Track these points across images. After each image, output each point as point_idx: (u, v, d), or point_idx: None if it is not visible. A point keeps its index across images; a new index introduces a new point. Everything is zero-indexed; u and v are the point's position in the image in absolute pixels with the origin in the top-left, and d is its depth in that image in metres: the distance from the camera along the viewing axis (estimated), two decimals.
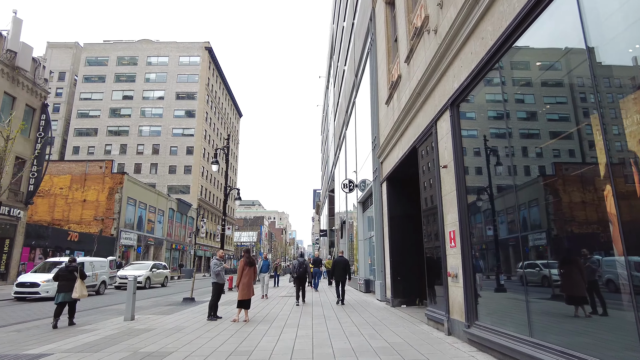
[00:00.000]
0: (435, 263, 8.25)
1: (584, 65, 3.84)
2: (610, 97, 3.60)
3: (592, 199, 3.83)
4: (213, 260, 9.85)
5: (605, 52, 3.64)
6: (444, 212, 7.37)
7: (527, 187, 4.96)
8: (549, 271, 4.50)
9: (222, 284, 9.85)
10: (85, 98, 67.08)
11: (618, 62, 3.58)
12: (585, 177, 3.98)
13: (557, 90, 4.54)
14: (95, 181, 38.54)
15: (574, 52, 4.06)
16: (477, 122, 6.53)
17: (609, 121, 3.58)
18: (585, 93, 3.96)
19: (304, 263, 13.75)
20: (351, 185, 20.19)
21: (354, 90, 21.58)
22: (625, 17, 3.36)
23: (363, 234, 19.40)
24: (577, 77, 4.05)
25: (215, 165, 19.87)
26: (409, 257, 12.00)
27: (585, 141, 3.98)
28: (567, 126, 4.26)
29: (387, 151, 12.40)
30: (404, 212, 12.30)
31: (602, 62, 3.68)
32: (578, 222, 4.08)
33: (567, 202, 4.25)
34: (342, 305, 12.63)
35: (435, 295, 8.13)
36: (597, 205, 3.74)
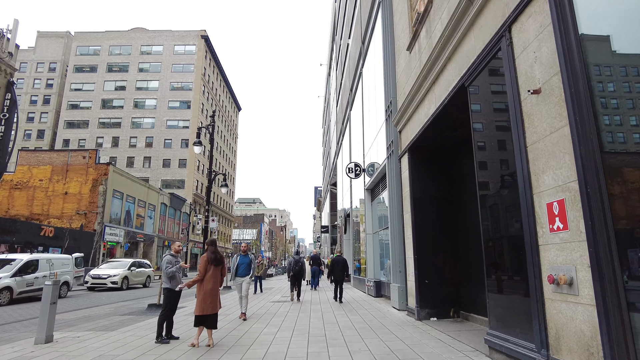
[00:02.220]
0: (505, 259, 5.18)
1: None
2: None
3: None
4: (165, 257, 6.79)
5: None
6: (532, 171, 4.29)
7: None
8: None
9: (179, 290, 6.80)
10: (76, 89, 64.14)
11: None
12: None
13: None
14: (78, 172, 35.54)
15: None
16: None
17: None
18: None
19: (300, 261, 13.63)
20: (357, 169, 17.10)
21: (360, 60, 18.49)
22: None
23: (372, 226, 16.32)
24: None
25: (198, 147, 16.89)
26: (440, 253, 8.92)
27: None
28: None
29: (409, 113, 9.32)
30: (433, 193, 9.22)
31: None
32: None
33: None
34: (340, 303, 12.53)
35: (507, 312, 5.04)
36: None
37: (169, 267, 6.63)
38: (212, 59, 70.71)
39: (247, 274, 9.20)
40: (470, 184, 8.44)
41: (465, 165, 8.65)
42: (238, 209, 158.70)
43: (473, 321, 7.98)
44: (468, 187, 8.53)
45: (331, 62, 43.19)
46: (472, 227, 8.27)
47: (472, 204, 8.29)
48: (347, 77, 24.33)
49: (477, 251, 7.94)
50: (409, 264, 9.47)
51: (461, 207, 8.80)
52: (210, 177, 17.26)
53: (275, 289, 19.94)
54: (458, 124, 8.04)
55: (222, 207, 74.56)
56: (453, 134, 8.53)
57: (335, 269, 13.11)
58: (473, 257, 8.13)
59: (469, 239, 8.36)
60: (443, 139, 8.85)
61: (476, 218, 8.10)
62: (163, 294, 6.69)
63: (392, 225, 11.17)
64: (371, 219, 16.39)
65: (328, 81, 48.97)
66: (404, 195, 10.02)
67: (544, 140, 4.08)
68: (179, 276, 6.77)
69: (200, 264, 6.33)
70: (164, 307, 6.59)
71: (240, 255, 9.42)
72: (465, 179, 8.65)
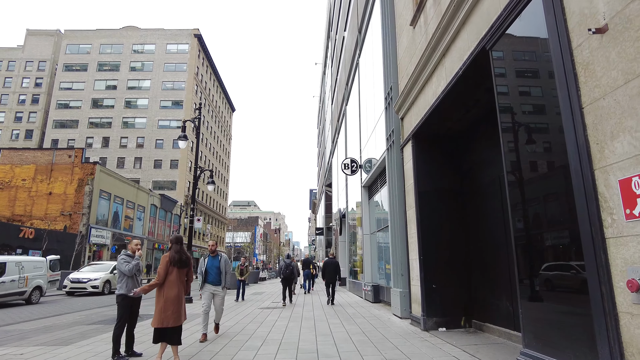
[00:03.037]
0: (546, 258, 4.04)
1: None
2: None
3: None
4: (120, 257, 5.62)
5: None
6: (592, 139, 3.19)
7: None
8: None
9: (138, 297, 5.64)
10: (66, 88, 62.64)
11: None
12: None
13: None
14: (63, 172, 34.17)
15: None
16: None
17: None
18: None
19: (291, 264, 13.49)
20: (354, 165, 15.98)
21: (356, 50, 17.42)
22: None
23: (369, 226, 15.20)
24: None
25: (184, 142, 15.76)
26: (449, 254, 7.82)
27: None
28: None
29: (413, 96, 8.23)
30: (441, 185, 8.12)
31: None
32: None
33: None
34: (332, 305, 12.73)
35: (551, 327, 3.90)
36: None
37: (125, 264, 5.45)
38: (205, 58, 69.51)
39: (219, 282, 7.15)
40: (483, 174, 7.36)
41: (478, 152, 7.56)
42: (232, 211, 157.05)
43: (489, 332, 6.88)
44: (481, 178, 7.45)
45: (326, 60, 42.19)
46: (486, 224, 7.18)
47: (486, 198, 7.21)
48: (343, 71, 23.28)
49: (492, 251, 6.85)
50: (413, 266, 8.35)
51: (473, 201, 7.70)
52: (196, 173, 16.09)
53: (266, 293, 18.75)
54: (471, 104, 6.96)
55: (215, 209, 73.16)
56: (464, 117, 7.44)
57: (328, 272, 13.48)
58: (488, 257, 7.04)
59: (483, 237, 7.26)
60: (452, 123, 7.75)
61: (491, 213, 7.01)
62: (117, 302, 5.52)
63: (392, 223, 10.06)
64: (369, 219, 15.27)
65: (323, 80, 47.96)
66: (407, 189, 8.92)
67: (614, 95, 2.98)
68: (137, 279, 5.60)
69: (160, 265, 5.17)
70: (119, 317, 5.42)
71: (209, 256, 7.37)
72: (478, 168, 7.57)
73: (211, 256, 7.37)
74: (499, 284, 6.61)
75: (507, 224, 6.39)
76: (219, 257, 7.34)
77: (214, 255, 7.39)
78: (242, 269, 14.92)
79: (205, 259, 7.32)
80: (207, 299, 7.08)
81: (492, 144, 6.97)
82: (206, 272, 7.17)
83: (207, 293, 7.11)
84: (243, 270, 14.94)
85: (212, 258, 7.36)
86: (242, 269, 14.92)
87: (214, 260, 7.33)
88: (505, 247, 6.41)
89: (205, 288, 7.12)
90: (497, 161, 6.75)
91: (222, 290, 7.22)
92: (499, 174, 6.60)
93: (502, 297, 6.50)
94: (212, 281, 7.15)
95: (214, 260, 7.33)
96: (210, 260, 7.33)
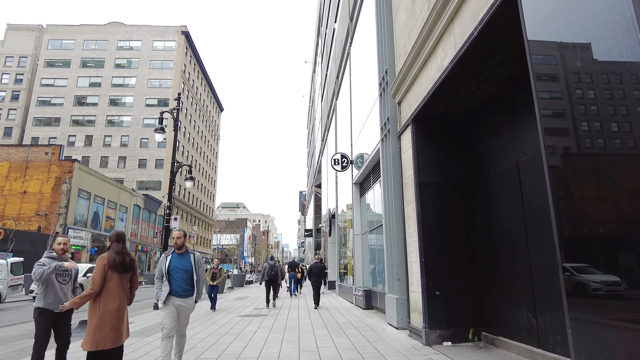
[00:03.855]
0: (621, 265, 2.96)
1: None
2: None
3: None
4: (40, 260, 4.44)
5: None
6: None
7: None
8: None
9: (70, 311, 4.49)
10: (47, 84, 60.63)
11: None
12: None
13: None
14: (39, 170, 32.54)
15: None
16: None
17: None
18: None
19: (275, 266, 13.30)
20: (344, 161, 14.92)
21: (348, 40, 16.38)
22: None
23: (361, 226, 14.13)
24: None
25: (160, 134, 14.54)
26: (455, 256, 6.77)
27: None
28: None
29: (414, 74, 7.18)
30: (445, 177, 7.07)
31: None
32: None
33: None
34: (317, 308, 12.67)
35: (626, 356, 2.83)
36: None
37: (40, 273, 4.28)
38: (192, 56, 68.03)
39: (191, 292, 4.98)
40: (496, 163, 6.32)
41: (489, 138, 6.54)
42: (221, 213, 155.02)
43: (504, 348, 5.83)
44: (493, 168, 6.42)
45: (316, 57, 41.19)
46: (500, 221, 6.15)
47: (500, 190, 6.18)
48: (333, 66, 22.24)
49: (508, 252, 5.80)
50: (413, 270, 7.27)
51: (483, 194, 6.67)
52: (174, 168, 14.86)
53: (250, 298, 17.56)
54: (482, 79, 5.93)
55: (202, 210, 71.55)
56: (473, 95, 6.40)
57: (313, 275, 13.61)
58: (502, 260, 6.00)
59: (496, 236, 6.22)
60: (459, 104, 6.72)
61: (506, 208, 5.97)
62: (34, 317, 4.36)
63: (387, 221, 8.99)
64: (360, 218, 14.20)
65: (313, 78, 46.96)
66: (405, 182, 7.86)
67: None
68: (62, 289, 4.45)
69: (96, 270, 4.01)
70: (35, 338, 4.27)
71: (173, 253, 5.07)
72: (489, 156, 6.53)
73: (177, 253, 5.04)
74: (515, 291, 5.58)
75: (527, 220, 5.37)
76: (189, 256, 5.10)
77: (182, 252, 5.07)
78: (215, 272, 12.63)
79: (168, 257, 5.02)
80: (169, 317, 4.82)
81: (507, 127, 5.95)
82: (169, 275, 4.89)
83: (169, 308, 4.84)
84: (216, 274, 12.65)
85: (179, 256, 5.02)
86: (214, 272, 12.62)
87: (182, 259, 5.01)
88: (525, 248, 5.37)
89: (168, 301, 4.85)
90: (515, 147, 5.73)
91: (192, 305, 5.02)
92: (520, 158, 5.57)
93: (520, 307, 5.46)
94: (177, 291, 4.87)
95: (182, 259, 5.01)
96: (175, 258, 5.00)
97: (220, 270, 12.93)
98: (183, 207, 61.31)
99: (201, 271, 5.19)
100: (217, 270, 12.75)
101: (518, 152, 5.64)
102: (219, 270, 12.80)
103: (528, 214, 5.35)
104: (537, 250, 5.14)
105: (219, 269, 12.89)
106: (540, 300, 5.01)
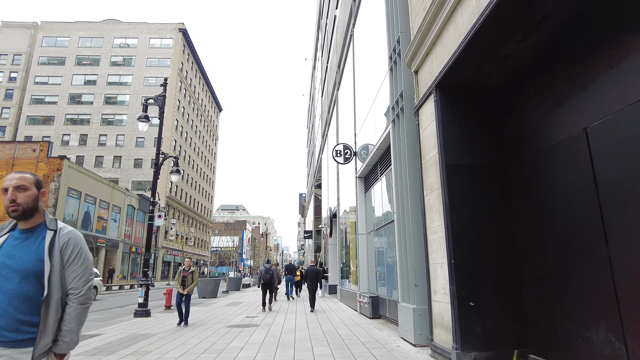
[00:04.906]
0: None
1: None
2: None
3: None
4: None
5: None
6: None
7: None
8: None
9: None
10: (41, 82, 59.33)
11: None
12: None
13: None
14: (26, 167, 31.02)
15: None
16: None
17: None
18: None
19: (271, 269, 12.86)
20: (347, 152, 13.50)
21: (350, 22, 14.98)
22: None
23: (366, 224, 12.68)
24: None
25: (143, 123, 13.13)
26: (495, 256, 5.32)
27: None
28: None
29: (437, 31, 5.75)
30: (481, 157, 5.64)
31: None
32: None
33: None
34: (314, 311, 12.48)
35: None
36: None
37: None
38: (190, 54, 66.71)
39: (29, 332, 1.89)
40: (548, 136, 4.87)
41: (539, 105, 5.08)
42: (221, 215, 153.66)
43: None
44: (542, 142, 4.97)
45: (316, 53, 39.84)
46: (555, 209, 4.69)
47: (553, 170, 4.72)
48: (335, 55, 20.84)
49: (571, 253, 4.33)
50: (437, 274, 5.81)
51: (529, 177, 5.22)
52: (158, 160, 13.43)
53: (245, 303, 16.08)
54: (533, 26, 4.49)
55: (199, 211, 70.08)
56: (518, 49, 4.95)
57: (309, 278, 13.70)
58: (562, 263, 4.54)
59: (551, 232, 4.76)
60: (496, 63, 5.27)
61: (566, 195, 4.53)
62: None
63: (400, 216, 7.54)
64: (365, 215, 12.75)
65: (313, 75, 45.62)
66: (426, 166, 6.40)
67: None
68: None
69: None
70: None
71: (10, 233, 1.99)
72: (537, 129, 5.09)
73: (19, 229, 2.01)
74: (587, 303, 4.12)
75: (604, 204, 3.91)
76: (41, 237, 2.00)
77: (29, 226, 2.01)
78: (185, 276, 9.52)
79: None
80: None
81: (568, 86, 4.50)
82: None
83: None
84: (187, 278, 9.52)
85: (19, 238, 1.98)
86: (184, 276, 9.51)
87: (22, 245, 1.97)
88: (601, 243, 3.92)
89: None
90: (581, 109, 4.28)
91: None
92: (590, 123, 4.12)
93: (594, 326, 4.00)
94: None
95: (22, 245, 1.97)
96: (9, 245, 1.97)
97: (193, 273, 9.64)
98: (180, 208, 59.86)
99: (75, 279, 2.05)
100: (189, 274, 9.55)
101: (587, 115, 4.19)
102: (190, 274, 9.57)
103: (606, 195, 3.90)
104: (622, 247, 3.69)
105: (191, 272, 9.62)
106: (631, 318, 3.56)
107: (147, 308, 11.84)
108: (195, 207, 67.53)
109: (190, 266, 9.78)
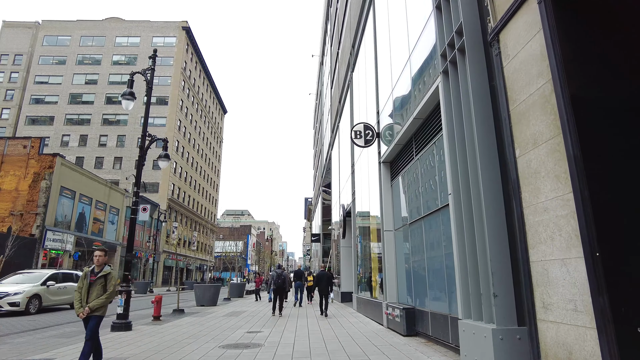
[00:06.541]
0: None
1: None
2: None
3: None
4: None
5: None
6: None
7: None
8: None
9: None
10: (41, 82, 57.82)
11: None
12: None
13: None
14: (16, 165, 29.18)
15: None
16: None
17: None
18: None
19: (282, 275, 13.19)
20: (368, 133, 11.31)
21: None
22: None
23: (393, 219, 10.44)
24: None
25: (127, 101, 11.09)
26: None
27: None
28: None
29: None
30: (622, 95, 3.43)
31: None
32: None
33: None
34: (325, 316, 12.49)
35: None
36: None
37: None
38: (194, 53, 65.07)
39: None
40: None
41: None
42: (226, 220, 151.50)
43: None
44: None
45: (324, 46, 37.78)
46: None
47: None
48: (348, 34, 18.72)
49: None
50: (550, 278, 3.57)
51: None
52: (144, 143, 11.35)
53: (246, 313, 13.86)
54: None
55: (203, 215, 68.02)
56: None
57: (321, 283, 13.47)
58: None
59: None
60: None
61: None
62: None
63: (461, 195, 5.34)
64: (392, 208, 10.52)
65: (320, 71, 43.54)
66: (520, 111, 4.18)
67: None
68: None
69: None
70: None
71: None
72: None
73: None
74: None
75: None
76: None
77: None
78: (93, 281, 5.04)
79: None
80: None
81: None
82: None
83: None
84: (94, 286, 5.06)
85: None
86: (91, 281, 5.04)
87: None
88: None
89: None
90: None
91: None
92: None
93: None
94: None
95: None
96: None
97: (108, 277, 5.10)
98: (182, 211, 57.89)
99: None
100: (98, 279, 5.06)
101: None
102: (102, 279, 5.07)
103: None
104: None
105: (103, 276, 5.12)
106: None
107: (127, 320, 9.67)
108: (199, 210, 65.53)
109: (103, 265, 5.20)
